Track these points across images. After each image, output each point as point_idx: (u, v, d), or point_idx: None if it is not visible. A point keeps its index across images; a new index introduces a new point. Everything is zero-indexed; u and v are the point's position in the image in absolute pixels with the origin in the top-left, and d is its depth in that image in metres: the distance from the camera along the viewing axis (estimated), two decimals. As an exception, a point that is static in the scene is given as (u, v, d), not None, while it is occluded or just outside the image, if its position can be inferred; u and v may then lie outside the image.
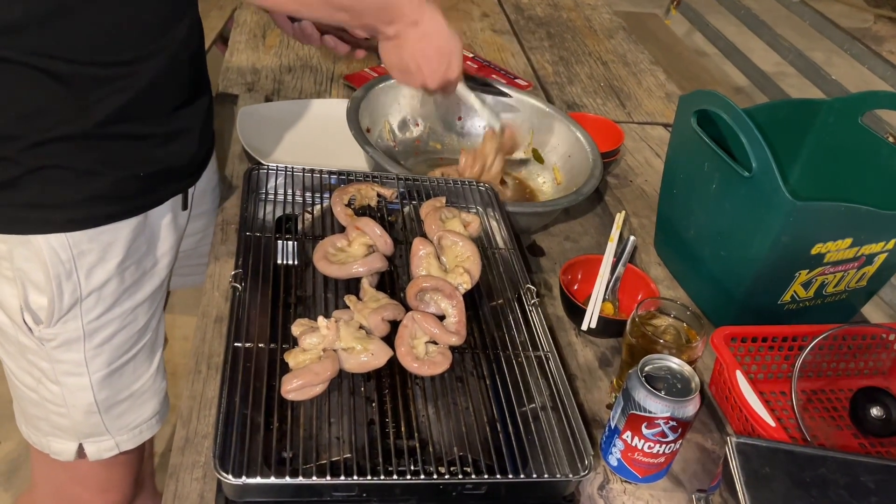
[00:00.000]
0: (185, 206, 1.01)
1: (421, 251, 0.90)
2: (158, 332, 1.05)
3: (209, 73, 1.03)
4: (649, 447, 0.81)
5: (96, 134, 0.83)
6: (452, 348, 0.83)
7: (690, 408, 0.79)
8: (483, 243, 1.00)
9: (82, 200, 0.85)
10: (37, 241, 0.85)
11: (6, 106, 0.79)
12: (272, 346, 0.79)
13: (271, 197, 1.00)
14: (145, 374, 1.03)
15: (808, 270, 1.00)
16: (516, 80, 1.69)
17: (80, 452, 1.01)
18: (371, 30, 0.98)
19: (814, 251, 0.97)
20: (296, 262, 0.94)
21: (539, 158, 1.34)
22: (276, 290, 0.85)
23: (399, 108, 1.34)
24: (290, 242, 0.95)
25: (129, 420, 1.03)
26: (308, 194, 1.01)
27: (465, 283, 0.88)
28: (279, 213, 0.99)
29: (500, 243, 1.01)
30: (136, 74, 0.83)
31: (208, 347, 0.94)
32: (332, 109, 1.39)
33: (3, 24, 0.75)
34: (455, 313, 0.85)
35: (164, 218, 0.97)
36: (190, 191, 1.01)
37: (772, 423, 0.85)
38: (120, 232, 0.90)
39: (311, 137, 1.36)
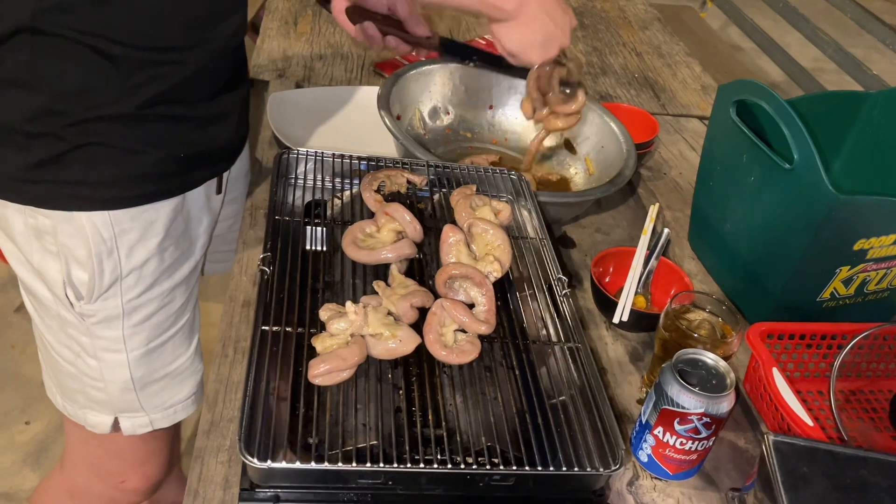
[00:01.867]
0: (219, 190, 1.02)
1: (451, 238, 0.89)
2: (195, 315, 1.06)
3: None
4: (681, 443, 0.79)
5: (140, 115, 0.84)
6: (481, 337, 0.81)
7: (725, 404, 0.77)
8: (514, 232, 0.98)
9: (125, 179, 0.87)
10: (80, 218, 0.86)
11: (56, 82, 0.80)
12: (300, 330, 0.78)
13: (301, 182, 1.00)
14: (183, 356, 1.04)
15: (849, 267, 0.97)
16: (549, 71, 1.67)
17: (116, 426, 1.03)
18: (491, 9, 1.02)
19: (856, 247, 0.94)
20: (324, 248, 0.93)
21: (571, 149, 1.32)
22: (304, 275, 0.85)
23: (430, 95, 1.33)
24: (318, 227, 0.94)
25: (163, 399, 1.04)
26: (337, 180, 1.01)
27: (495, 272, 0.87)
28: (308, 198, 0.98)
29: (531, 233, 0.99)
30: (183, 61, 0.85)
31: (235, 331, 0.94)
32: (362, 97, 1.38)
33: (59, 2, 0.76)
34: (485, 301, 0.83)
35: (200, 200, 0.98)
36: (225, 175, 1.02)
37: (809, 422, 0.82)
38: (160, 212, 0.91)
39: (341, 124, 1.35)
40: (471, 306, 0.84)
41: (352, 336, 0.76)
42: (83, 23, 0.78)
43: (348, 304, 0.77)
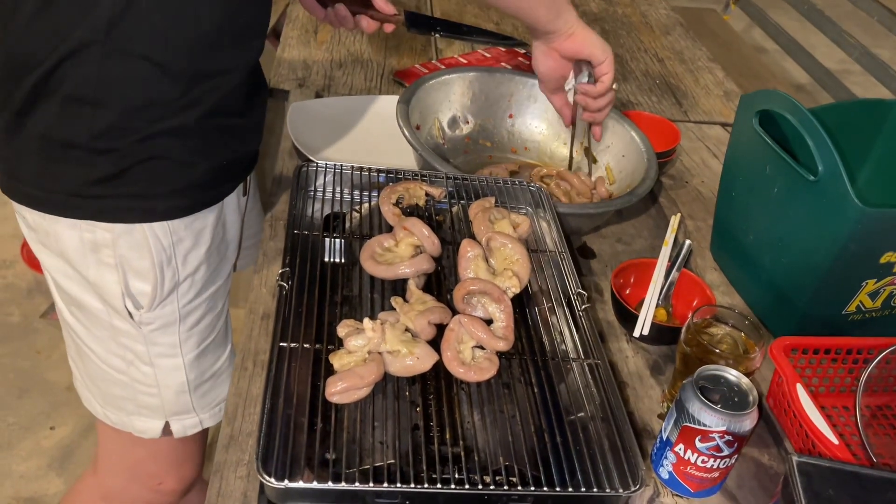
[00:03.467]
0: (245, 192, 1.06)
1: (469, 253, 0.89)
2: (228, 316, 1.11)
3: (263, 68, 1.06)
4: (703, 461, 0.78)
5: (198, 127, 0.87)
6: (499, 354, 0.81)
7: (747, 422, 0.76)
8: (533, 245, 0.97)
9: (181, 190, 0.90)
10: (141, 230, 0.89)
11: (120, 98, 0.82)
12: (317, 346, 0.78)
13: (320, 194, 1.00)
14: (223, 355, 1.09)
15: (875, 280, 0.95)
16: (569, 77, 1.65)
17: (166, 430, 1.06)
18: (542, 25, 1.12)
19: (883, 260, 0.92)
20: (343, 261, 0.93)
21: (592, 157, 1.31)
22: (322, 289, 0.85)
23: (449, 105, 1.32)
24: (337, 241, 0.94)
25: (211, 398, 1.08)
26: (356, 192, 1.01)
27: (513, 287, 0.86)
28: (327, 210, 0.99)
29: (550, 245, 0.99)
30: (232, 72, 0.88)
31: (254, 344, 0.94)
32: (382, 106, 1.38)
33: (120, 13, 0.77)
34: (503, 318, 0.83)
35: (233, 205, 1.02)
36: (248, 176, 1.05)
37: (834, 440, 0.81)
38: (208, 219, 0.95)
39: (361, 134, 1.35)
40: (489, 322, 0.83)
41: (369, 353, 0.76)
42: (146, 36, 0.79)
43: (366, 321, 0.77)
